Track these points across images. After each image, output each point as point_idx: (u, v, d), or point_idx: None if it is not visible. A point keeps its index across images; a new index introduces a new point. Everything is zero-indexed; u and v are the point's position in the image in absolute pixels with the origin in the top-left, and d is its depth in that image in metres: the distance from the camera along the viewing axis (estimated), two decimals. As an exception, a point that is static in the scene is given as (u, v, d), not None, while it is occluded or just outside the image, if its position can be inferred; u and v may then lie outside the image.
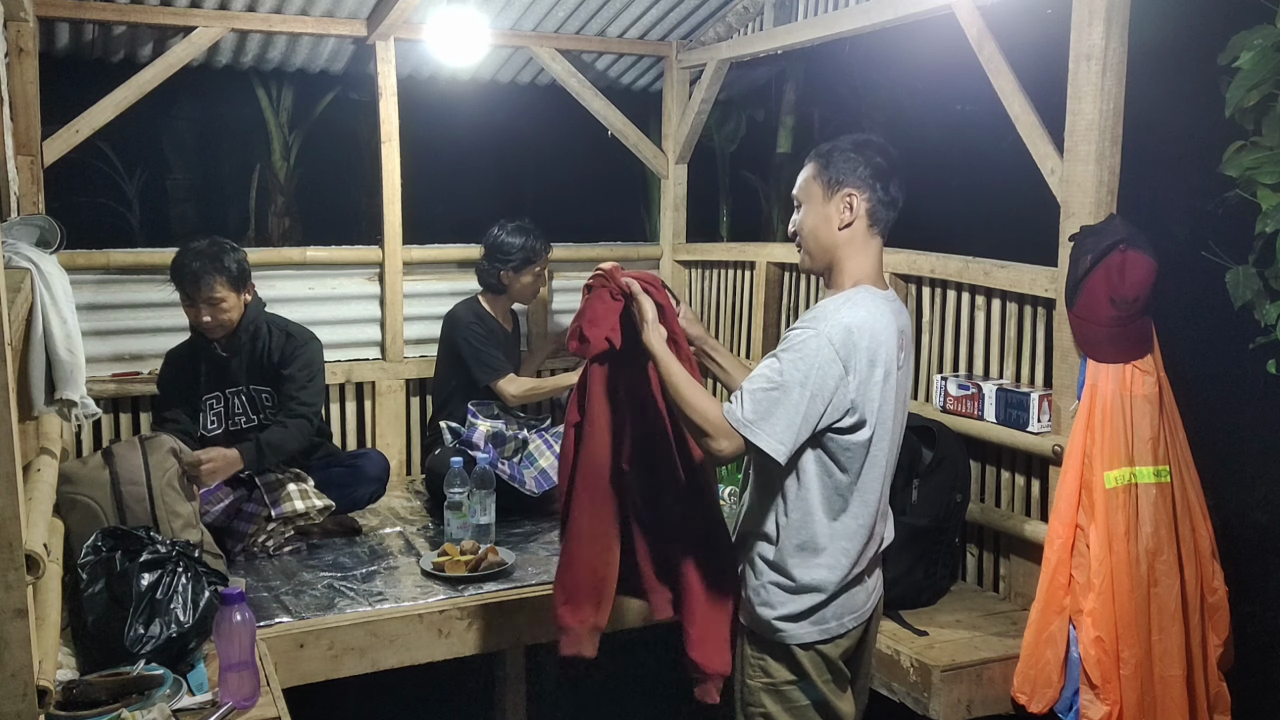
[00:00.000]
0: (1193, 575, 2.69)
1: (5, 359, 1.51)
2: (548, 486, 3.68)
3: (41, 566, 1.61)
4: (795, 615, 2.11)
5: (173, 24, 3.87)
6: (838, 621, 2.13)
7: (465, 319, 3.98)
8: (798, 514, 2.11)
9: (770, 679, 2.16)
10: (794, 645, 2.12)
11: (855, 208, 2.11)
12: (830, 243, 2.14)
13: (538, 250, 3.98)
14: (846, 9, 3.70)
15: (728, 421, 2.03)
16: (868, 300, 2.08)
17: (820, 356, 1.99)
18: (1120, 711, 2.60)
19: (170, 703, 2.13)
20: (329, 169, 5.98)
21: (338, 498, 3.50)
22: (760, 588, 2.14)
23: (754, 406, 2.01)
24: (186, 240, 3.39)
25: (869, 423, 2.06)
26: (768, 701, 2.16)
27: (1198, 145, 3.10)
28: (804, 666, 2.13)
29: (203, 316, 3.30)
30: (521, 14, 4.29)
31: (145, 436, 2.97)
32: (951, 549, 3.12)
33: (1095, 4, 2.69)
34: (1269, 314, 2.86)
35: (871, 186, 2.11)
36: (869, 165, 2.11)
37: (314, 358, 3.48)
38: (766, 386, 2.02)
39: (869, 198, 2.11)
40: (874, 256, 2.15)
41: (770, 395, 2.00)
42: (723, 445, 2.04)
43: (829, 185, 2.13)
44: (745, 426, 2.01)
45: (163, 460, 2.86)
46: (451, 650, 2.98)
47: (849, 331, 2.01)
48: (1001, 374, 3.19)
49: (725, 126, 5.83)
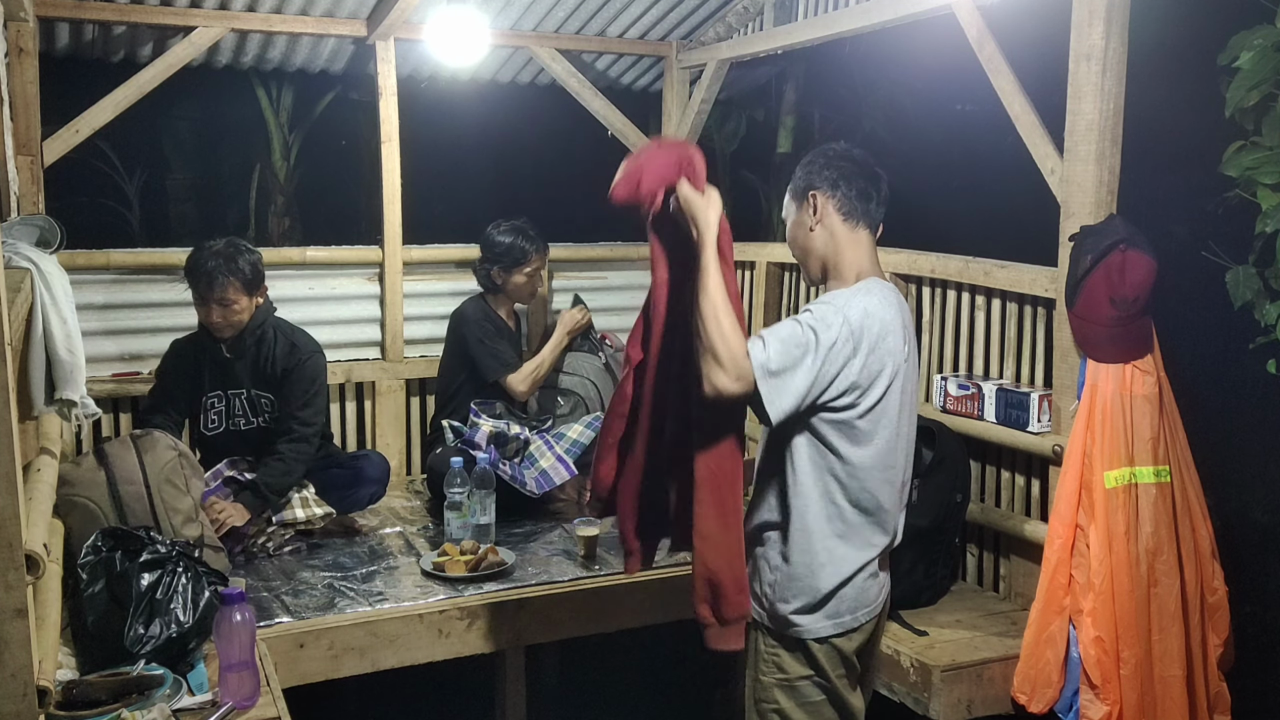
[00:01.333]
0: (1193, 575, 2.69)
1: (5, 359, 1.51)
2: (548, 487, 3.69)
3: (41, 566, 1.61)
4: (809, 609, 2.12)
5: (173, 24, 3.87)
6: (851, 615, 2.14)
7: (474, 316, 3.98)
8: (807, 505, 2.10)
9: (784, 674, 2.16)
10: (809, 640, 2.13)
11: (819, 206, 2.17)
12: (806, 245, 2.21)
13: (525, 250, 3.97)
14: (846, 9, 3.69)
15: (749, 362, 1.95)
16: (878, 289, 2.12)
17: (838, 333, 2.00)
18: (1120, 711, 2.60)
19: (170, 703, 2.13)
20: (329, 169, 5.97)
21: (338, 499, 3.50)
22: (774, 583, 2.14)
23: (780, 359, 1.97)
24: (204, 239, 3.41)
25: (869, 406, 2.06)
26: (781, 697, 2.16)
27: (1198, 145, 3.10)
28: (819, 661, 2.14)
29: (213, 316, 3.32)
30: (521, 14, 4.28)
31: (137, 434, 2.96)
32: (951, 549, 3.12)
33: (1095, 4, 2.69)
34: (1269, 314, 2.86)
35: (834, 184, 2.17)
36: (831, 167, 2.19)
37: (317, 374, 3.48)
38: (794, 342, 1.98)
39: (834, 194, 2.17)
40: (865, 251, 2.18)
41: (794, 354, 1.97)
42: (730, 384, 1.94)
43: (795, 194, 2.23)
44: (766, 378, 1.95)
45: (159, 457, 2.85)
46: (451, 650, 2.98)
47: (865, 314, 2.05)
48: (1001, 374, 3.19)
49: (725, 126, 5.83)
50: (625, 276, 4.86)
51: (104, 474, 2.77)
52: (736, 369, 1.94)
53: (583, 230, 4.87)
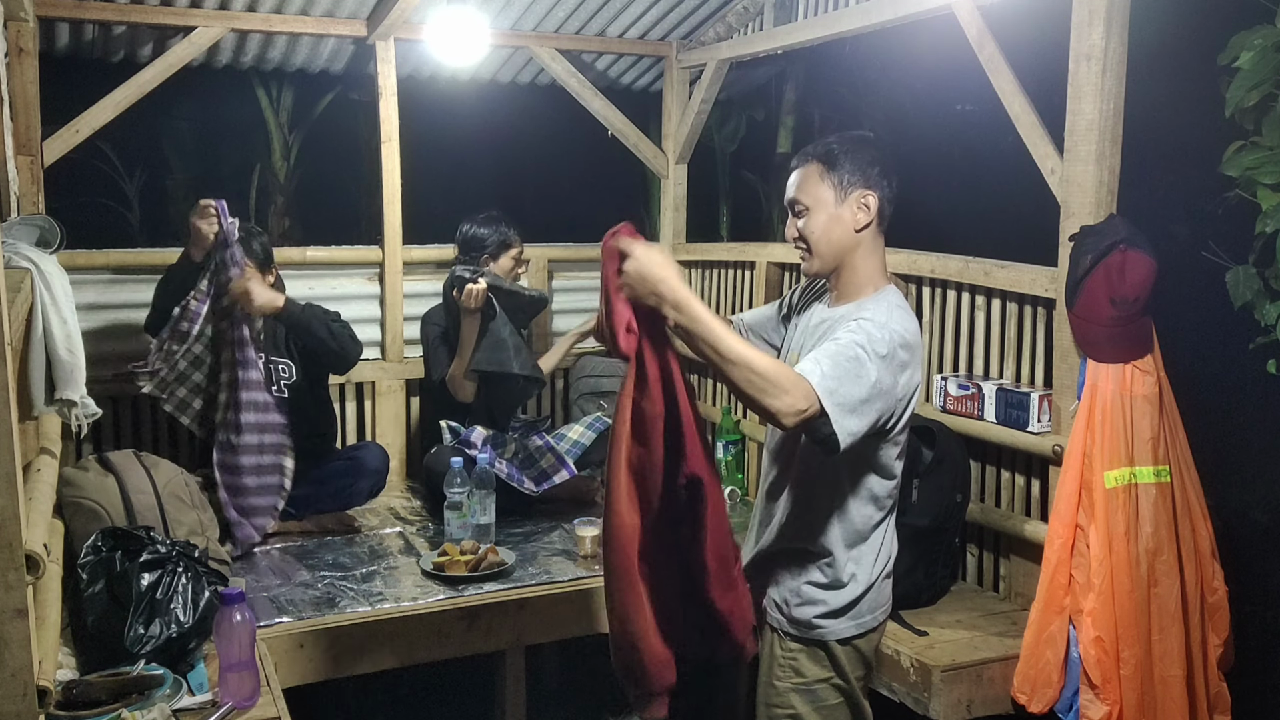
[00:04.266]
0: (1193, 575, 2.69)
1: (5, 359, 1.51)
2: (547, 486, 3.68)
3: (41, 566, 1.61)
4: (835, 612, 2.12)
5: (173, 24, 3.87)
6: (872, 615, 2.15)
7: (431, 318, 3.97)
8: (843, 513, 2.10)
9: (802, 678, 2.15)
10: (832, 641, 2.13)
11: (872, 207, 2.08)
12: (846, 245, 2.10)
13: (508, 234, 3.95)
14: (846, 9, 3.69)
15: (807, 381, 1.81)
16: (899, 298, 2.10)
17: (892, 352, 1.95)
18: (1120, 711, 2.60)
19: (170, 703, 2.13)
20: (329, 169, 5.98)
21: (337, 491, 3.52)
22: (798, 588, 2.14)
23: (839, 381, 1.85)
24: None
25: (909, 418, 2.07)
26: (797, 702, 2.15)
27: (1198, 145, 3.10)
28: (840, 663, 2.13)
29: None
30: (521, 14, 4.28)
31: (139, 453, 3.00)
32: (951, 549, 3.12)
33: (1095, 4, 2.69)
34: (1269, 314, 2.86)
35: (881, 185, 2.09)
36: (877, 164, 2.09)
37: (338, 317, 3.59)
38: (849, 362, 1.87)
39: (880, 196, 2.09)
40: (882, 255, 2.16)
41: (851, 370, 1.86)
42: (799, 402, 1.79)
43: (840, 187, 2.08)
44: (828, 396, 1.82)
45: (165, 472, 2.90)
46: (451, 650, 2.98)
47: (911, 334, 2.03)
48: (1001, 374, 3.18)
49: (725, 126, 5.83)
50: (625, 276, 4.86)
51: (114, 480, 2.77)
52: (797, 387, 1.80)
53: (583, 230, 4.88)
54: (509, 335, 3.71)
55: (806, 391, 1.81)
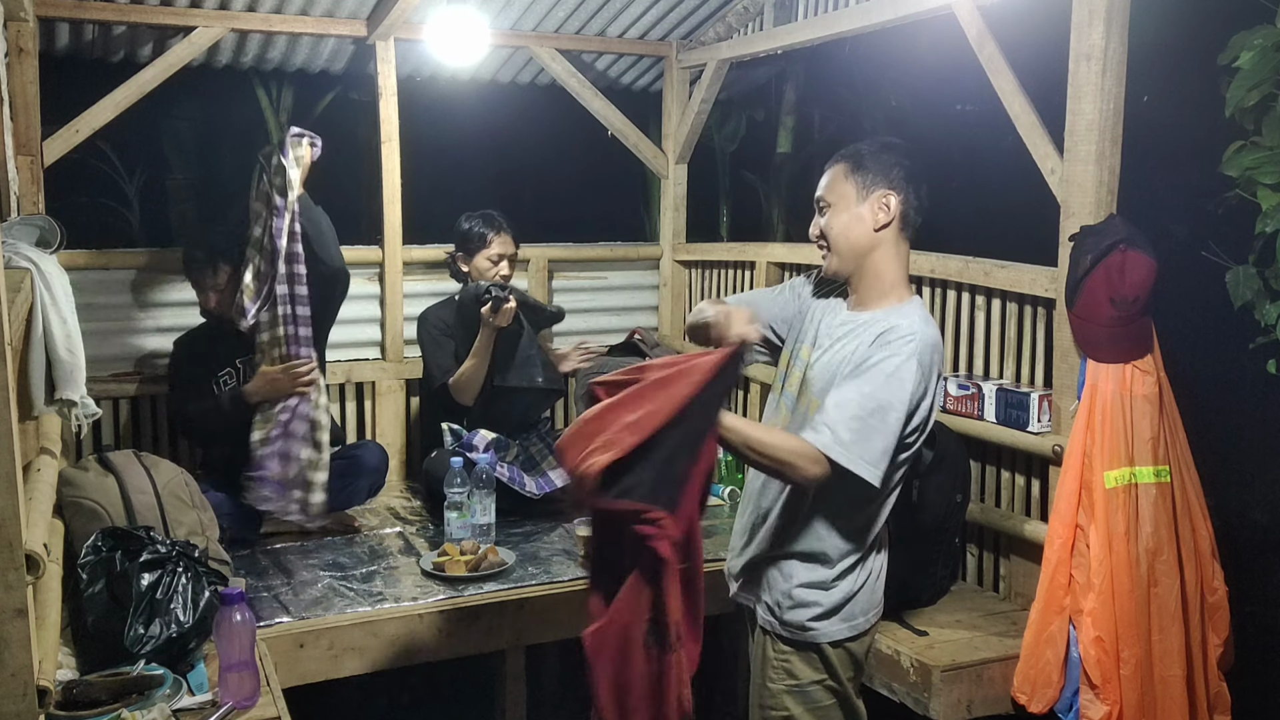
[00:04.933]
0: (1193, 575, 2.69)
1: (5, 359, 1.51)
2: (548, 488, 3.68)
3: (41, 566, 1.61)
4: (827, 614, 2.13)
5: (173, 24, 3.87)
6: (864, 617, 2.16)
7: (429, 318, 3.94)
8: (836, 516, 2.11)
9: (795, 680, 2.16)
10: (825, 644, 2.13)
11: (892, 208, 2.10)
12: (865, 244, 2.12)
13: (484, 234, 3.87)
14: (846, 9, 3.69)
15: (815, 448, 1.96)
16: (927, 313, 2.12)
17: (912, 379, 2.00)
18: (1120, 711, 2.60)
19: (170, 703, 2.13)
20: (329, 169, 5.96)
21: (338, 490, 3.51)
22: (790, 590, 2.14)
23: (850, 432, 1.97)
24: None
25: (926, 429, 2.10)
26: (790, 703, 2.16)
27: (1198, 145, 3.10)
28: (833, 664, 2.14)
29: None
30: (521, 14, 4.28)
31: (139, 453, 2.99)
32: (951, 549, 3.12)
33: (1095, 4, 2.69)
34: (1269, 314, 2.86)
35: (905, 188, 2.11)
36: (902, 167, 2.12)
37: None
38: (860, 414, 1.97)
39: (903, 199, 2.11)
40: (906, 261, 2.16)
41: (867, 423, 1.97)
42: (812, 471, 1.97)
43: (863, 186, 2.12)
44: (842, 452, 1.96)
45: (164, 472, 2.88)
46: (451, 650, 2.98)
47: (933, 350, 2.05)
48: (1001, 374, 3.19)
49: (725, 126, 5.83)
50: (625, 276, 4.87)
51: (113, 480, 2.77)
52: (807, 458, 1.97)
53: (583, 230, 4.88)
54: (536, 352, 3.80)
55: (816, 459, 1.97)
